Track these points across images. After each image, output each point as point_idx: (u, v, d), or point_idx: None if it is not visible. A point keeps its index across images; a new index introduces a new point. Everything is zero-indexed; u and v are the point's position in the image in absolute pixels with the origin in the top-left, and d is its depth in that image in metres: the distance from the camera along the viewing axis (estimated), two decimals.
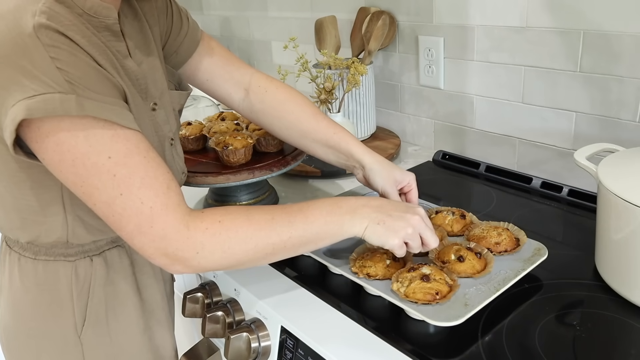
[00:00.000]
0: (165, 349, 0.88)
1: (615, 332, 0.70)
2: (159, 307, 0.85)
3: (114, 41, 0.67)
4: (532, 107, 1.09)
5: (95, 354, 0.78)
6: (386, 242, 0.70)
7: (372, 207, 0.72)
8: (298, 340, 0.73)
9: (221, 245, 0.64)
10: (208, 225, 0.63)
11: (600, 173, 0.76)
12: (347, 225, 0.70)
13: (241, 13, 1.89)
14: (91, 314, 0.76)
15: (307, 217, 0.68)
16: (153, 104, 0.73)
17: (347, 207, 0.70)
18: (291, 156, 1.03)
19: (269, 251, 0.67)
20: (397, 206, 0.74)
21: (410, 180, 0.86)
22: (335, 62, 1.22)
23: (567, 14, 0.98)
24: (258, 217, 0.66)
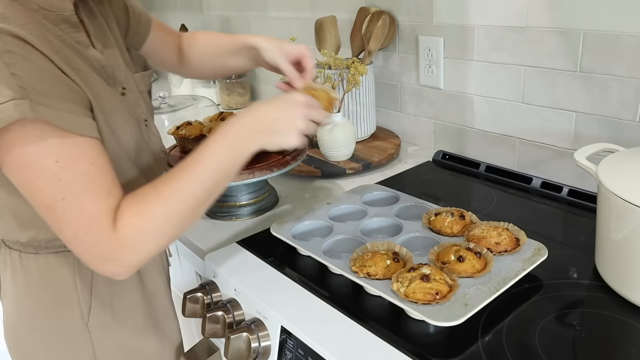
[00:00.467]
0: (171, 332, 0.91)
1: (615, 332, 0.70)
2: (160, 290, 0.88)
3: (73, 32, 0.67)
4: (532, 107, 1.09)
5: (103, 340, 0.80)
6: (286, 145, 0.72)
7: (261, 119, 0.72)
8: (298, 340, 0.73)
9: (150, 232, 0.65)
10: (129, 219, 0.64)
11: (600, 173, 0.76)
12: (244, 152, 0.71)
13: (241, 13, 1.89)
14: (96, 302, 0.78)
15: (206, 166, 0.68)
16: (122, 89, 0.74)
17: (235, 135, 0.70)
18: (291, 156, 1.03)
19: (191, 211, 0.68)
20: (279, 105, 0.73)
21: (300, 49, 0.88)
22: (335, 62, 1.23)
23: (567, 14, 0.98)
24: (166, 189, 0.66)
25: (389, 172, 1.24)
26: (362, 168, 1.23)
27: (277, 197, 1.14)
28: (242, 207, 1.07)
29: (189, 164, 0.68)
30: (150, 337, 0.87)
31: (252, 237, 0.98)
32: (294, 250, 0.90)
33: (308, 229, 0.94)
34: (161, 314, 0.89)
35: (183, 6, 2.21)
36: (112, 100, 0.71)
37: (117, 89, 0.74)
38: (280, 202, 1.13)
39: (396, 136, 1.40)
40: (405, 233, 0.88)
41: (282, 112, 0.73)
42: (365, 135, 1.38)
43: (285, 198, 1.15)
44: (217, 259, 0.92)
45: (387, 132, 1.44)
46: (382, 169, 1.26)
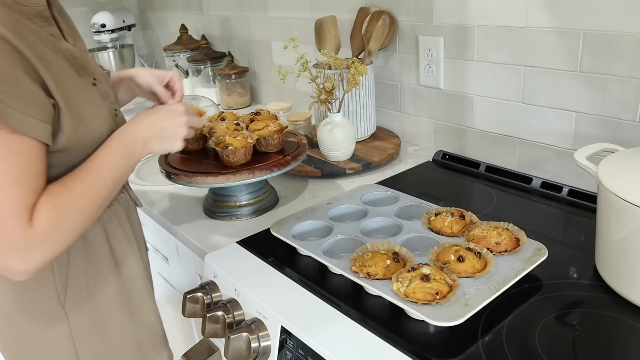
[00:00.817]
0: (147, 315, 0.94)
1: (615, 332, 0.70)
2: (135, 274, 0.91)
3: (46, 26, 0.73)
4: (532, 107, 1.09)
5: (80, 321, 0.84)
6: (172, 150, 0.84)
7: (147, 127, 0.81)
8: (298, 340, 0.73)
9: (64, 228, 0.70)
10: (47, 215, 0.68)
11: (600, 173, 0.76)
12: (139, 154, 0.80)
13: (241, 13, 1.89)
14: (71, 283, 0.82)
15: (110, 168, 0.76)
16: (93, 79, 0.79)
17: (132, 141, 0.79)
18: (291, 156, 1.03)
19: (96, 209, 0.75)
20: (164, 115, 0.84)
21: (171, 75, 1.00)
22: (335, 62, 1.22)
23: (567, 14, 0.98)
24: (79, 187, 0.72)
25: (389, 172, 1.24)
26: (362, 168, 1.23)
27: (277, 197, 1.14)
28: (242, 207, 1.07)
29: (92, 165, 0.75)
30: (125, 319, 0.90)
31: (252, 237, 0.98)
32: (294, 250, 0.90)
33: (308, 229, 0.94)
34: (137, 297, 0.92)
35: (183, 6, 2.21)
36: (84, 90, 0.76)
37: (89, 80, 0.78)
38: (280, 202, 1.13)
39: (396, 136, 1.40)
40: (405, 233, 0.88)
41: (167, 121, 0.83)
42: (365, 135, 1.38)
43: (285, 198, 1.15)
44: (217, 259, 0.92)
45: (387, 132, 1.44)
46: (382, 169, 1.26)
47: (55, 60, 0.71)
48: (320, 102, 1.21)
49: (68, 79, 0.72)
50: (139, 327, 0.92)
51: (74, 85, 0.73)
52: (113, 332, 0.88)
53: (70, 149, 0.73)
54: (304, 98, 1.43)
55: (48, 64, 0.69)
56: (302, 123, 1.31)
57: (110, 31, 2.31)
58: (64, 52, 0.73)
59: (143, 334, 0.93)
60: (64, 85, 0.71)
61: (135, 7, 2.57)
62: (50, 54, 0.70)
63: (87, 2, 2.42)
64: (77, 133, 0.73)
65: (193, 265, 1.10)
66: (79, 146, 0.74)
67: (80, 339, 0.84)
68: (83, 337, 0.85)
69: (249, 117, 1.14)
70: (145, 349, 0.94)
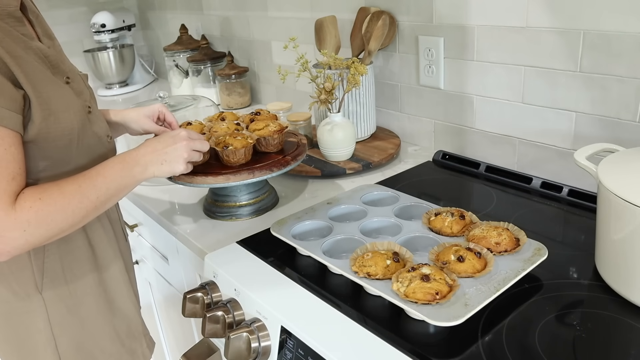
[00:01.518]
0: (123, 304, 0.95)
1: (615, 332, 0.70)
2: (111, 263, 0.94)
3: (18, 26, 0.76)
4: (532, 107, 1.09)
5: (57, 308, 0.86)
6: (174, 172, 0.87)
7: (150, 152, 0.85)
8: (298, 340, 0.73)
9: (45, 219, 0.73)
10: (31, 203, 0.72)
11: (600, 173, 0.76)
12: (139, 175, 0.83)
13: (241, 13, 1.89)
14: (48, 270, 0.85)
15: (105, 178, 0.79)
16: (66, 78, 0.82)
17: (133, 161, 0.83)
18: (291, 156, 1.03)
19: (84, 213, 0.77)
20: (166, 140, 0.87)
21: (159, 108, 1.03)
22: (335, 62, 1.22)
23: (567, 14, 0.98)
24: (68, 187, 0.76)
25: (389, 172, 1.24)
26: (362, 168, 1.23)
27: (277, 197, 1.14)
28: (242, 207, 1.07)
29: (91, 173, 0.78)
30: (103, 307, 0.92)
31: (252, 237, 0.98)
32: (294, 250, 0.90)
33: (308, 229, 0.94)
34: (113, 286, 0.94)
35: (183, 6, 2.21)
36: (55, 86, 0.78)
37: (62, 78, 0.81)
38: (280, 202, 1.13)
39: (396, 136, 1.40)
40: (405, 233, 0.88)
41: (169, 146, 0.86)
42: (365, 135, 1.38)
43: (285, 198, 1.15)
44: (217, 259, 0.92)
45: (387, 132, 1.44)
46: (382, 169, 1.26)
47: (25, 57, 0.74)
48: (320, 102, 1.21)
49: (38, 73, 0.75)
50: (117, 316, 0.95)
51: (45, 79, 0.76)
52: (91, 320, 0.90)
53: (41, 140, 0.76)
54: (304, 98, 1.43)
55: (17, 59, 0.72)
56: (302, 123, 1.31)
57: (110, 31, 2.31)
58: (35, 51, 0.76)
59: (121, 322, 0.96)
60: (33, 78, 0.74)
61: (135, 7, 2.57)
62: (20, 51, 0.73)
63: (87, 2, 2.42)
64: (47, 124, 0.75)
65: (193, 265, 1.10)
66: (50, 137, 0.76)
67: (58, 326, 0.87)
68: (61, 323, 0.87)
69: (249, 117, 1.14)
70: (124, 337, 0.96)
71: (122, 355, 0.96)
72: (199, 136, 0.92)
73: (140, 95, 2.25)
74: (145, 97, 2.21)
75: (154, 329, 1.52)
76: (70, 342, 0.89)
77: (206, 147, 0.93)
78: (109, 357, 0.94)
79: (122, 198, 0.84)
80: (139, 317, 1.01)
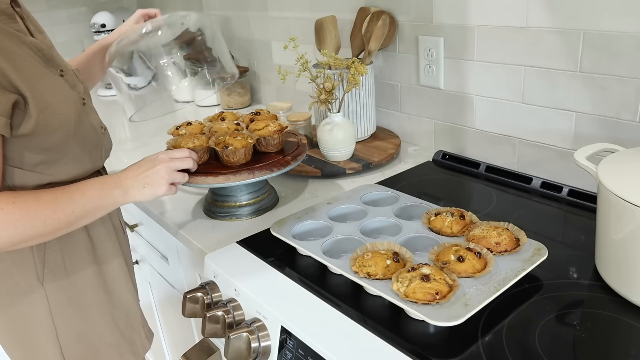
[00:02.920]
0: (121, 295, 0.97)
1: (615, 332, 0.70)
2: (110, 255, 0.95)
3: (11, 23, 0.78)
4: (532, 107, 1.09)
5: (58, 298, 0.88)
6: (157, 195, 0.87)
7: (132, 176, 0.85)
8: (298, 340, 0.73)
9: (14, 223, 0.73)
10: (3, 205, 0.72)
11: (600, 173, 0.76)
12: (120, 198, 0.84)
13: (241, 13, 1.89)
14: (49, 261, 0.86)
15: (84, 194, 0.80)
16: (60, 71, 0.84)
17: (114, 183, 0.83)
18: (291, 156, 1.03)
19: (55, 225, 0.77)
20: (146, 164, 0.87)
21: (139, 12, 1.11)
22: (335, 62, 1.22)
23: (567, 14, 0.98)
24: (45, 197, 0.77)
25: (389, 172, 1.24)
26: (362, 168, 1.23)
27: (277, 197, 1.14)
28: (242, 207, 1.07)
29: (71, 187, 0.79)
30: (102, 297, 0.94)
31: (252, 237, 0.98)
32: (294, 250, 0.90)
33: (308, 229, 0.94)
34: (113, 277, 0.96)
35: (183, 6, 2.21)
36: (50, 79, 0.80)
37: (56, 71, 0.83)
38: (280, 202, 1.13)
39: (396, 136, 1.40)
40: (405, 233, 0.88)
41: (149, 170, 0.86)
42: (365, 135, 1.38)
43: (285, 198, 1.15)
44: (217, 259, 0.92)
45: (387, 132, 1.44)
46: (382, 169, 1.26)
47: (18, 52, 0.75)
48: (320, 102, 1.21)
49: (33, 67, 0.77)
50: (116, 306, 0.96)
51: (39, 73, 0.78)
52: (91, 310, 0.92)
53: (39, 132, 0.77)
54: (304, 98, 1.43)
55: (10, 55, 0.73)
56: (302, 123, 1.31)
57: (110, 31, 2.31)
58: (29, 45, 0.78)
59: (120, 312, 0.97)
60: (28, 73, 0.75)
61: (135, 7, 2.57)
62: (13, 46, 0.75)
63: (87, 2, 2.42)
64: (45, 116, 0.77)
65: (193, 265, 1.10)
66: (48, 129, 0.78)
67: (59, 316, 0.88)
68: (61, 313, 0.88)
69: (249, 117, 1.14)
70: (123, 328, 0.98)
71: (122, 346, 0.98)
72: (182, 154, 0.91)
73: None
74: None
75: (154, 329, 1.52)
76: (71, 332, 0.90)
77: (189, 164, 0.92)
78: (108, 347, 0.95)
79: (97, 218, 0.85)
80: (138, 308, 1.03)
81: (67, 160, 0.83)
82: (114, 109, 2.09)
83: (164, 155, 0.90)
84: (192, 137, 1.03)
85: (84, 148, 0.86)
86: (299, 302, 0.79)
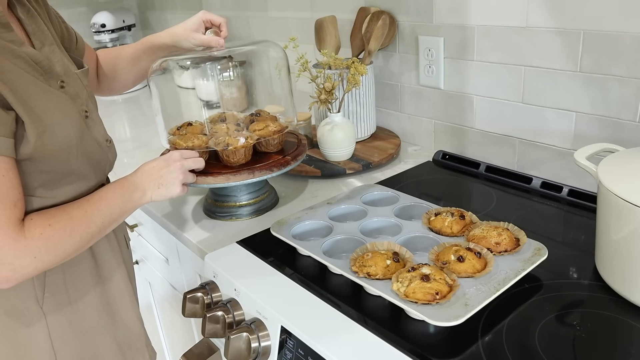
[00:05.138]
0: (126, 315, 0.93)
1: (615, 332, 0.70)
2: (114, 273, 0.91)
3: (4, 33, 0.72)
4: (532, 107, 1.09)
5: (58, 322, 0.84)
6: (172, 195, 0.88)
7: (147, 177, 0.86)
8: (298, 340, 0.73)
9: (54, 245, 0.73)
10: (42, 230, 0.71)
11: (600, 173, 0.76)
12: (139, 199, 0.85)
13: (241, 13, 1.89)
14: (49, 284, 0.82)
15: (109, 203, 0.80)
16: (61, 82, 0.79)
17: (131, 186, 0.84)
18: (291, 156, 1.03)
19: (89, 239, 0.78)
20: (159, 164, 0.88)
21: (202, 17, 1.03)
22: (335, 62, 1.22)
23: (567, 14, 0.98)
24: (75, 213, 0.76)
25: (389, 172, 1.24)
26: (362, 168, 1.23)
27: (277, 197, 1.14)
28: (242, 207, 1.07)
29: (93, 197, 0.79)
30: (105, 319, 0.90)
31: (252, 237, 0.98)
32: (294, 250, 0.90)
33: (308, 229, 0.94)
34: (117, 297, 0.92)
35: (183, 6, 2.21)
36: (48, 95, 0.75)
37: (56, 83, 0.78)
38: (280, 202, 1.13)
39: (396, 136, 1.40)
40: (405, 233, 0.88)
41: (163, 169, 0.87)
42: (365, 135, 1.38)
43: (285, 198, 1.15)
44: (217, 259, 0.92)
45: (387, 132, 1.44)
46: (382, 169, 1.26)
47: (13, 70, 0.70)
48: (320, 102, 1.21)
49: (29, 86, 0.72)
50: (119, 328, 0.92)
51: (37, 92, 0.73)
52: (92, 333, 0.88)
53: (37, 157, 0.73)
54: (304, 98, 1.43)
55: (4, 75, 0.69)
56: (302, 123, 1.31)
57: (110, 31, 2.31)
58: (24, 59, 0.73)
59: (123, 334, 0.93)
60: (24, 93, 0.71)
61: (135, 7, 2.57)
62: (7, 64, 0.70)
63: (87, 2, 2.42)
64: (43, 141, 0.73)
65: (193, 265, 1.10)
66: (47, 153, 0.74)
67: (59, 339, 0.84)
68: (61, 337, 0.85)
69: (248, 117, 1.14)
70: (126, 350, 0.94)
71: None
72: (192, 154, 0.93)
73: (140, 95, 2.24)
74: (146, 97, 2.20)
75: (154, 329, 1.52)
76: (71, 355, 0.86)
77: (201, 165, 0.94)
78: None
79: (120, 222, 0.84)
80: (142, 328, 0.99)
81: (69, 181, 0.79)
82: (114, 108, 2.09)
83: (177, 155, 0.90)
84: (192, 137, 1.03)
85: (88, 166, 0.82)
86: (299, 302, 0.79)
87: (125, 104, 2.20)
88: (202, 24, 1.03)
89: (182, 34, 1.03)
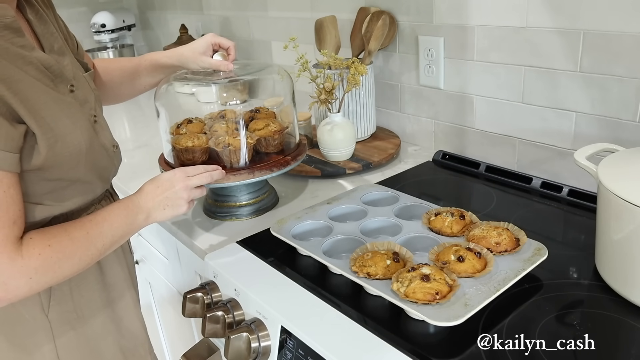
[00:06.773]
0: (130, 321, 0.93)
1: (615, 332, 0.70)
2: (119, 279, 0.91)
3: (15, 37, 0.70)
4: (532, 107, 1.09)
5: (64, 330, 0.83)
6: (178, 215, 0.86)
7: (151, 199, 0.83)
8: (298, 340, 0.73)
9: (52, 266, 0.70)
10: (40, 250, 0.69)
11: (600, 173, 0.76)
12: (143, 222, 0.83)
13: (241, 13, 1.89)
14: (56, 291, 0.81)
15: (112, 225, 0.78)
16: (70, 86, 0.78)
17: (136, 208, 0.82)
18: (291, 156, 1.03)
19: (89, 261, 0.76)
20: (163, 184, 0.85)
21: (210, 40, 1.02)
22: (335, 62, 1.22)
23: (567, 14, 0.98)
24: (77, 234, 0.74)
25: (389, 172, 1.24)
26: (362, 168, 1.23)
27: (277, 197, 1.14)
28: (242, 207, 1.07)
29: (95, 218, 0.77)
30: (110, 326, 0.89)
31: (252, 237, 0.98)
32: (294, 250, 0.90)
33: (308, 229, 0.94)
34: (121, 304, 0.91)
35: (183, 6, 2.21)
36: (59, 103, 0.74)
37: (65, 87, 0.77)
38: (280, 202, 1.13)
39: (396, 136, 1.40)
40: (405, 233, 0.88)
41: (167, 190, 0.85)
42: (365, 135, 1.38)
43: (285, 198, 1.15)
44: (217, 259, 0.92)
45: (387, 132, 1.44)
46: (382, 169, 1.26)
47: (24, 79, 0.69)
48: (320, 102, 1.21)
49: (40, 95, 0.71)
50: (123, 334, 0.92)
51: (47, 100, 0.72)
52: (97, 340, 0.87)
53: (47, 166, 0.72)
54: (304, 98, 1.43)
55: (15, 85, 0.67)
56: (302, 123, 1.31)
57: (110, 31, 2.31)
58: (35, 65, 0.72)
59: (127, 341, 0.93)
60: (35, 104, 0.69)
61: (135, 7, 2.57)
62: (18, 73, 0.68)
63: (87, 2, 2.42)
64: (54, 152, 0.72)
65: (193, 265, 1.10)
66: (57, 162, 0.73)
67: (64, 347, 0.84)
68: (66, 345, 0.84)
69: (248, 114, 1.14)
70: (129, 356, 0.93)
71: None
72: (196, 170, 0.90)
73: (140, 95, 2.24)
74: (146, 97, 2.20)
75: (154, 329, 1.52)
76: None
77: (207, 180, 0.90)
78: None
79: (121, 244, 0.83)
80: (145, 334, 0.99)
81: (75, 187, 0.79)
82: (114, 108, 2.09)
83: (180, 174, 0.87)
84: (192, 137, 1.03)
85: (94, 172, 0.82)
86: (299, 302, 0.79)
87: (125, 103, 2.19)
88: (210, 47, 1.02)
89: (190, 56, 1.02)
